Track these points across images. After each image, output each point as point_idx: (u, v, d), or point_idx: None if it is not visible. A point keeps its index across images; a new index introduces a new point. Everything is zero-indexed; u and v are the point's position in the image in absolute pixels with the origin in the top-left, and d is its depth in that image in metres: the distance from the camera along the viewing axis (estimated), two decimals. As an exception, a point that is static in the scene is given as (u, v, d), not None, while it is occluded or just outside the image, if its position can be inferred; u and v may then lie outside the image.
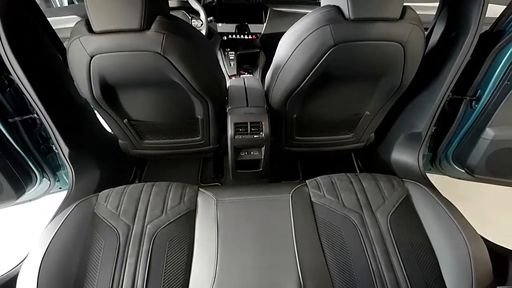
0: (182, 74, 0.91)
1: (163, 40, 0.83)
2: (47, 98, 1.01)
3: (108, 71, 0.89)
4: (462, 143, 1.19)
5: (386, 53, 0.91)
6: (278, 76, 1.04)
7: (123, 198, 0.96)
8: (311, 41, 0.89)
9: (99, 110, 1.06)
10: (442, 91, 1.05)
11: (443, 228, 0.85)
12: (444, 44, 1.06)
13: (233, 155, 1.19)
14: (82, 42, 0.83)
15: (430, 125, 1.14)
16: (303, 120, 1.19)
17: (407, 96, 1.15)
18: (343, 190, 0.97)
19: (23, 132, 1.07)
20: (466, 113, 1.15)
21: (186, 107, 1.10)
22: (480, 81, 1.07)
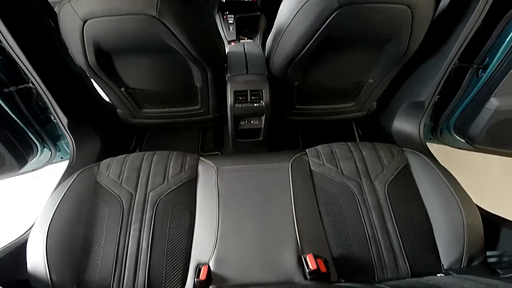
0: (178, 39, 0.88)
1: (158, 2, 0.79)
2: (41, 66, 0.98)
3: (102, 37, 0.86)
4: (465, 113, 1.17)
5: (392, 17, 0.86)
6: (279, 42, 1.01)
7: (124, 167, 0.96)
8: (314, 3, 0.84)
9: (95, 78, 1.04)
10: (449, 59, 1.02)
11: (439, 196, 0.87)
12: (455, 8, 1.01)
13: (233, 124, 1.18)
14: (73, 6, 0.79)
15: (434, 94, 1.12)
16: (304, 88, 1.17)
17: (411, 64, 1.11)
18: (342, 159, 0.98)
19: (20, 102, 1.05)
20: (471, 82, 1.12)
21: (184, 75, 1.08)
22: (489, 49, 1.03)
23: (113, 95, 1.14)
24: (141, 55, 0.97)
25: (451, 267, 0.79)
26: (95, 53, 0.90)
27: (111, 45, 0.90)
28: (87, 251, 0.81)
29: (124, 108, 1.23)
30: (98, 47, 0.88)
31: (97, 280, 0.78)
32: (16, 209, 1.61)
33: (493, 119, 1.07)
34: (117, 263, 0.80)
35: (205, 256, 0.81)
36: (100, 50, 0.90)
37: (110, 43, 0.89)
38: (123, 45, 0.90)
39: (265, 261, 0.80)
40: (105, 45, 0.89)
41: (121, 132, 1.45)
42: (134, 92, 1.13)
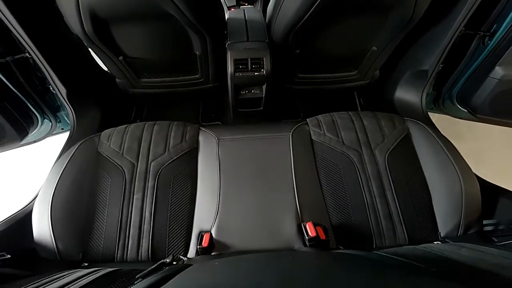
0: (176, 4, 0.85)
1: None
2: (36, 35, 0.96)
3: (97, 3, 0.83)
4: (468, 82, 1.16)
5: None
6: (280, 7, 0.97)
7: (125, 137, 0.96)
8: None
9: (93, 47, 1.01)
10: (455, 25, 0.99)
11: (439, 165, 0.87)
12: None
13: (233, 94, 1.16)
14: None
15: (438, 63, 1.10)
16: (306, 56, 1.14)
17: (416, 31, 1.09)
18: (343, 128, 0.97)
19: (18, 73, 1.04)
20: (477, 50, 1.09)
21: (183, 42, 1.05)
22: (497, 15, 0.99)
23: (111, 65, 1.12)
24: (139, 23, 0.94)
25: (448, 235, 0.81)
26: (91, 21, 0.87)
27: (107, 12, 0.87)
28: (91, 220, 0.83)
29: (123, 78, 1.21)
30: (94, 14, 0.86)
31: (102, 248, 0.81)
32: (20, 180, 1.63)
33: (497, 88, 1.06)
34: (121, 231, 0.82)
35: (207, 224, 0.83)
36: (96, 18, 0.87)
37: (106, 10, 0.86)
38: (119, 11, 0.87)
39: (265, 229, 0.83)
40: (101, 12, 0.86)
41: (121, 102, 1.43)
42: (133, 61, 1.11)
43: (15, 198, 1.49)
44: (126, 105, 1.51)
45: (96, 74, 1.32)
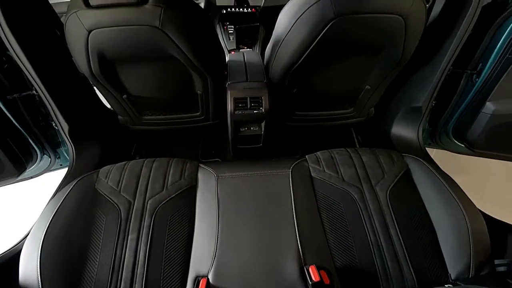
0: (180, 48, 0.90)
1: (161, 13, 0.82)
2: (45, 74, 1.00)
3: (106, 46, 0.88)
4: (462, 118, 1.19)
5: (387, 26, 0.89)
6: (277, 50, 1.03)
7: (124, 174, 0.94)
8: (311, 14, 0.87)
9: (98, 86, 1.06)
10: (443, 65, 1.04)
11: (442, 203, 0.85)
12: (446, 17, 1.05)
13: (233, 131, 1.18)
14: (79, 17, 0.82)
15: (431, 99, 1.13)
16: (303, 94, 1.19)
17: (407, 70, 1.15)
18: (342, 165, 0.96)
19: (22, 109, 1.07)
20: (466, 87, 1.14)
21: (186, 82, 1.09)
22: (481, 55, 1.06)
23: (115, 102, 1.15)
24: (144, 64, 0.99)
25: (458, 277, 0.76)
26: (99, 62, 0.92)
27: (114, 54, 0.92)
28: (83, 262, 0.78)
29: (126, 115, 1.24)
30: (102, 56, 0.91)
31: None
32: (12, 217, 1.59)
33: (491, 123, 1.09)
34: (113, 274, 0.77)
35: (204, 267, 0.78)
36: (104, 59, 0.92)
37: (114, 52, 0.91)
38: (126, 54, 0.92)
39: (266, 274, 0.78)
40: (108, 54, 0.91)
41: (122, 139, 1.44)
42: (136, 99, 1.15)
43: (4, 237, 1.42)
44: (126, 141, 1.52)
45: (99, 111, 1.36)
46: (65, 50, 1.01)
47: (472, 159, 1.27)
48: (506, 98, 1.04)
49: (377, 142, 1.44)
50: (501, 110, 1.05)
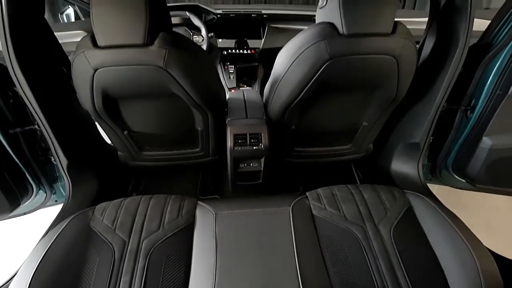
0: (183, 87, 0.93)
1: (165, 54, 0.86)
2: (49, 109, 1.02)
3: (110, 84, 0.91)
4: (461, 153, 1.19)
5: (380, 66, 0.93)
6: (276, 89, 1.06)
7: (120, 211, 0.92)
8: (307, 55, 0.91)
9: (100, 122, 1.08)
10: (437, 102, 1.07)
11: (449, 242, 0.82)
12: (436, 56, 1.10)
13: (233, 167, 1.17)
14: (86, 56, 0.86)
15: (428, 135, 1.15)
16: (301, 131, 1.21)
17: (403, 107, 1.18)
18: (344, 202, 0.94)
19: (23, 143, 1.07)
20: (462, 122, 1.17)
21: (186, 119, 1.12)
22: (473, 91, 1.10)
23: (115, 138, 1.17)
24: (146, 101, 1.02)
25: None
26: (103, 99, 0.94)
27: (118, 92, 0.95)
28: None
29: (125, 150, 1.24)
30: (105, 93, 0.93)
31: None
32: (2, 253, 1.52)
33: (490, 158, 1.10)
34: None
35: None
36: (107, 96, 0.95)
37: (118, 89, 0.94)
38: (129, 91, 0.95)
39: None
40: (112, 91, 0.94)
41: (120, 175, 1.42)
42: (136, 135, 1.16)
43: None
44: (124, 177, 1.51)
45: (99, 147, 1.36)
46: (69, 86, 1.04)
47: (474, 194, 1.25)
48: (503, 133, 1.06)
49: (377, 178, 1.43)
50: (498, 144, 1.07)
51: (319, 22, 0.94)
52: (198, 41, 1.86)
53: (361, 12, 0.85)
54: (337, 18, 0.87)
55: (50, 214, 1.11)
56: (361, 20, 0.86)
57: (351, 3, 0.85)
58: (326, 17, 0.92)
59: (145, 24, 0.81)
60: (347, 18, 0.86)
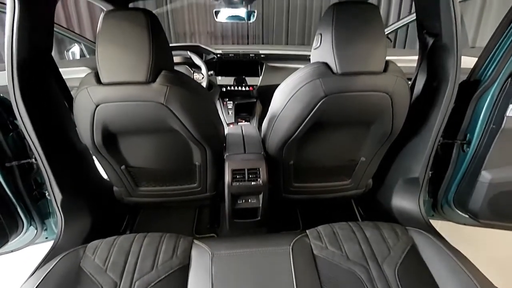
0: (182, 123, 0.95)
1: (166, 91, 0.89)
2: (48, 143, 1.03)
3: (111, 119, 0.93)
4: (461, 187, 1.19)
5: (374, 103, 0.97)
6: (274, 124, 1.09)
7: (112, 250, 0.89)
8: (303, 92, 0.95)
9: (97, 156, 1.08)
10: (433, 136, 1.09)
11: (455, 280, 0.80)
12: (428, 93, 1.14)
13: (230, 203, 1.16)
14: (89, 92, 0.89)
15: (426, 170, 1.15)
16: (300, 166, 1.21)
17: (400, 142, 1.20)
18: (345, 241, 0.92)
19: (18, 177, 1.06)
20: (459, 156, 1.18)
21: (184, 154, 1.13)
22: (467, 126, 1.13)
23: (112, 173, 1.16)
24: (144, 135, 1.04)
25: None
26: (102, 133, 0.96)
27: (118, 127, 0.96)
28: None
29: (122, 186, 1.23)
30: (105, 128, 0.95)
31: None
32: None
33: (490, 192, 1.10)
34: None
35: None
36: (107, 131, 0.96)
37: (118, 125, 0.96)
38: (129, 127, 0.97)
39: None
40: (112, 126, 0.96)
41: (114, 211, 1.39)
42: (134, 170, 1.16)
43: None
44: (119, 214, 1.47)
45: (94, 182, 1.35)
46: (70, 120, 1.05)
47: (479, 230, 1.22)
48: (501, 167, 1.07)
49: (378, 214, 1.41)
50: (498, 178, 1.07)
51: (314, 62, 0.99)
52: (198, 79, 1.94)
53: (353, 53, 0.90)
54: (331, 58, 0.92)
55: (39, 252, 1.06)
56: (354, 60, 0.91)
57: (343, 45, 0.90)
58: (321, 57, 0.97)
59: (149, 63, 0.86)
60: (340, 58, 0.91)
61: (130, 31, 0.85)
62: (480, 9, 3.23)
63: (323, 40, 0.95)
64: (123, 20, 0.85)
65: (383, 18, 3.30)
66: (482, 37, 3.30)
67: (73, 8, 3.13)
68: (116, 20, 0.85)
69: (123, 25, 0.85)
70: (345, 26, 0.90)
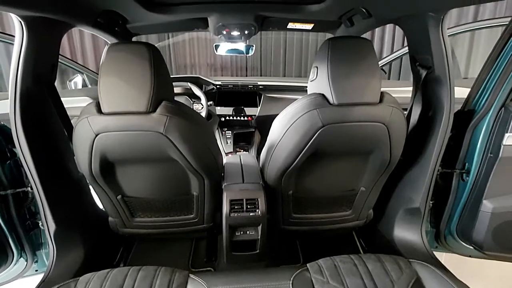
0: (181, 152, 0.96)
1: (166, 121, 0.91)
2: (45, 172, 1.03)
3: (110, 148, 0.94)
4: (464, 217, 1.18)
5: (371, 133, 0.99)
6: (272, 154, 1.10)
7: (105, 284, 0.87)
8: (301, 122, 0.97)
9: (94, 185, 1.07)
10: (431, 166, 1.10)
11: None
12: (424, 123, 1.17)
13: (228, 235, 1.14)
14: (89, 122, 0.90)
15: (427, 200, 1.15)
16: (299, 196, 1.21)
17: (399, 172, 1.20)
18: (347, 275, 0.89)
19: (12, 206, 1.05)
20: (459, 186, 1.18)
21: (182, 183, 1.12)
22: (465, 155, 1.14)
23: (108, 203, 1.15)
24: (143, 165, 1.04)
25: None
26: (100, 163, 0.96)
27: (116, 156, 0.97)
28: None
29: (117, 216, 1.22)
30: (104, 157, 0.96)
31: None
32: None
33: (494, 222, 1.08)
34: None
35: None
36: (105, 160, 0.97)
37: (116, 154, 0.96)
38: (127, 156, 0.98)
39: None
40: (111, 155, 0.96)
41: (108, 243, 1.36)
42: (130, 200, 1.16)
43: None
44: (113, 245, 1.43)
45: (89, 213, 1.33)
46: (69, 149, 1.06)
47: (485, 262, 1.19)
48: (502, 195, 1.07)
49: (381, 245, 1.38)
50: (500, 208, 1.06)
51: (311, 93, 1.03)
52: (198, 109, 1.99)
53: (349, 85, 0.94)
54: (327, 90, 0.96)
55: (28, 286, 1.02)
56: (349, 92, 0.94)
57: (339, 77, 0.94)
58: (317, 89, 1.01)
59: (150, 93, 0.88)
60: (336, 90, 0.94)
61: (133, 63, 0.88)
62: (469, 42, 3.41)
63: (319, 73, 0.99)
64: (126, 52, 0.89)
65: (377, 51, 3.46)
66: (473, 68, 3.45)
67: (78, 40, 3.28)
68: (120, 53, 0.89)
69: (127, 57, 0.88)
70: (340, 60, 0.94)
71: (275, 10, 1.20)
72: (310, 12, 1.17)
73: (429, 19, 0.99)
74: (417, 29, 1.07)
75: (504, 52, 1.02)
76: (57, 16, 0.98)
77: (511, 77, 1.03)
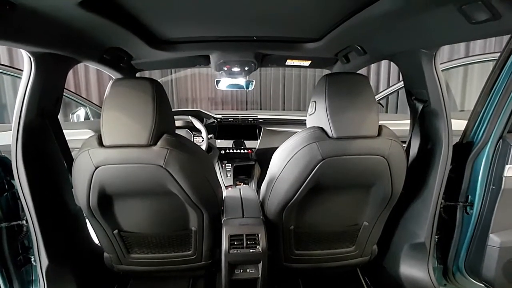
0: (180, 185, 0.96)
1: (166, 154, 0.92)
2: (42, 205, 1.02)
3: (109, 181, 0.94)
4: (471, 252, 1.16)
5: (371, 166, 1.00)
6: (272, 187, 1.10)
7: None
8: (301, 156, 0.99)
9: (91, 219, 1.06)
10: (434, 199, 1.10)
11: None
12: (424, 155, 1.18)
13: (227, 273, 1.10)
14: (90, 154, 0.91)
15: (432, 234, 1.13)
16: (301, 231, 1.18)
17: (402, 206, 1.19)
18: None
19: (5, 240, 1.03)
20: (464, 219, 1.16)
21: (180, 218, 1.11)
22: (467, 187, 1.14)
23: (104, 237, 1.13)
24: (141, 198, 1.04)
25: None
26: (98, 196, 0.96)
27: (115, 189, 0.97)
28: None
29: (113, 252, 1.19)
30: (102, 190, 0.96)
31: None
32: None
33: (503, 257, 1.06)
34: None
35: None
36: (104, 193, 0.97)
37: (115, 187, 0.96)
38: (126, 189, 0.98)
39: None
40: (109, 188, 0.96)
41: (102, 280, 1.31)
42: (126, 235, 1.13)
43: None
44: (107, 283, 1.38)
45: (84, 248, 1.30)
46: (68, 182, 1.06)
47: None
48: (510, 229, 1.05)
49: (386, 283, 1.33)
50: (508, 242, 1.04)
51: (310, 126, 1.05)
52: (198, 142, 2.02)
53: (347, 119, 0.97)
54: (326, 123, 0.98)
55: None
56: (348, 125, 0.97)
57: (337, 111, 0.97)
58: (316, 123, 1.03)
59: (151, 127, 0.90)
60: (335, 124, 0.97)
61: (136, 98, 0.91)
62: (463, 76, 3.54)
63: (317, 107, 1.02)
64: (130, 87, 0.93)
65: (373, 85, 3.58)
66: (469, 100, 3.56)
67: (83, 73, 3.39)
68: (123, 87, 0.93)
69: (131, 92, 0.92)
70: (338, 94, 0.98)
71: (274, 48, 1.26)
72: (308, 50, 1.23)
73: (422, 55, 1.04)
74: (411, 65, 1.12)
75: (497, 85, 1.07)
76: (65, 52, 1.03)
77: (506, 109, 1.06)
